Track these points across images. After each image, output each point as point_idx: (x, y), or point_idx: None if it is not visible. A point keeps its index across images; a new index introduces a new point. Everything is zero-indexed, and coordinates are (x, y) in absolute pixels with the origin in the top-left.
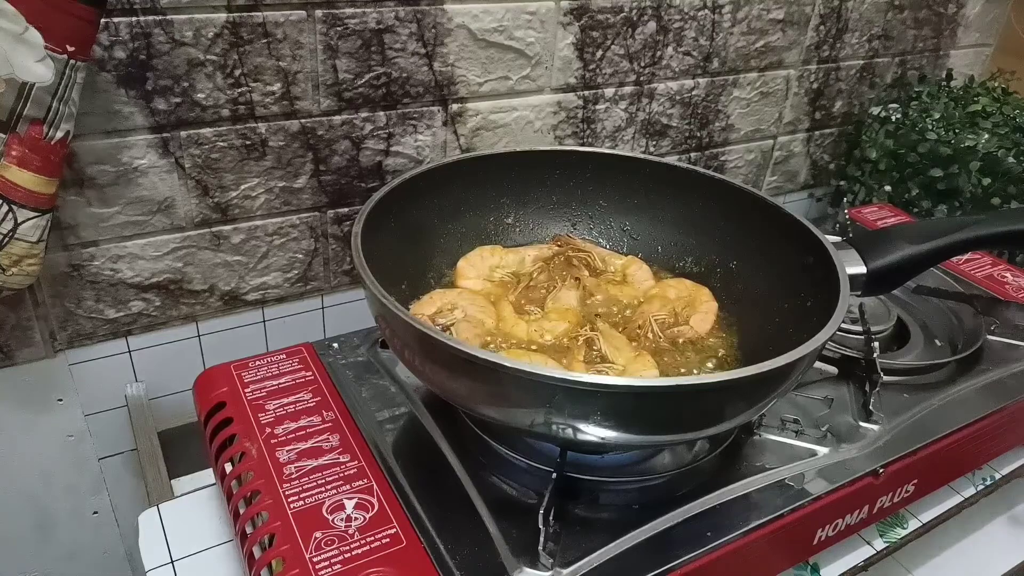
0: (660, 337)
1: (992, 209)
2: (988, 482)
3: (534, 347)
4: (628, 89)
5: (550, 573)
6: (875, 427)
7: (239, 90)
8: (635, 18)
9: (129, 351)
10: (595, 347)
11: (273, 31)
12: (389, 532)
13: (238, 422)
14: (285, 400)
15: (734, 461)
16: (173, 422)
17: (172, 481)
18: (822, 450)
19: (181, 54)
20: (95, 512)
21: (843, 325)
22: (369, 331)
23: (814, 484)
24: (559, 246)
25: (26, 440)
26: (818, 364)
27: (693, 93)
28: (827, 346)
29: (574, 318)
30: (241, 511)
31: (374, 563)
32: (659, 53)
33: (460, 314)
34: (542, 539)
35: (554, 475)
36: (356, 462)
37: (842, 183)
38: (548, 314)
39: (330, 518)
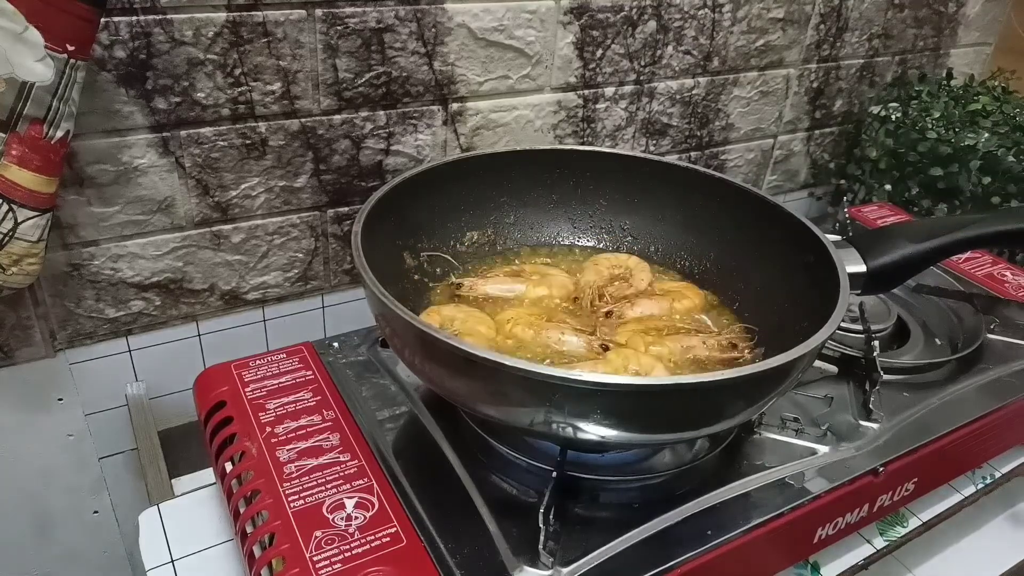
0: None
1: (992, 208)
2: (988, 481)
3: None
4: (628, 88)
5: (550, 572)
6: (875, 426)
7: (239, 89)
8: (635, 17)
9: (129, 350)
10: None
11: (273, 30)
12: (389, 531)
13: (238, 421)
14: (285, 399)
15: (734, 460)
16: (173, 421)
17: (172, 480)
18: (822, 449)
19: (181, 53)
20: (95, 512)
21: (843, 324)
22: (369, 330)
23: (814, 483)
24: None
25: (26, 440)
26: (818, 363)
27: (693, 92)
28: (827, 345)
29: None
30: (241, 510)
31: (374, 562)
32: (659, 52)
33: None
34: (542, 538)
35: (554, 474)
36: (356, 461)
37: (842, 182)
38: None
39: (330, 517)
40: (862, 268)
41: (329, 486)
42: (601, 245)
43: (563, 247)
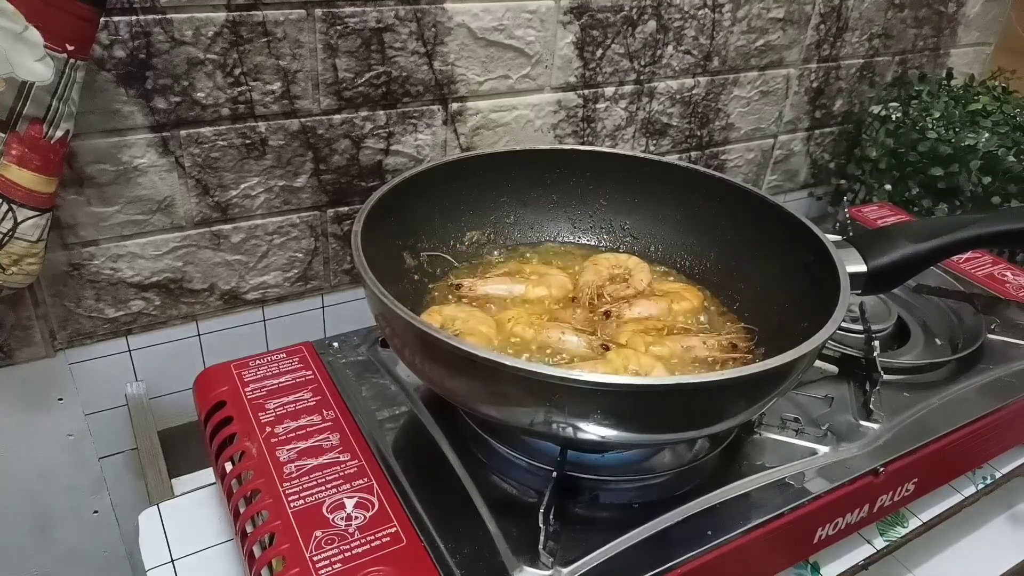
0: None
1: (992, 208)
2: (988, 481)
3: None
4: (628, 88)
5: (550, 572)
6: (875, 426)
7: (239, 89)
8: (635, 17)
9: (129, 350)
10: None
11: (273, 30)
12: (389, 531)
13: (238, 421)
14: (285, 399)
15: (734, 460)
16: (173, 421)
17: (172, 480)
18: (822, 449)
19: (181, 53)
20: (95, 511)
21: (843, 324)
22: (369, 330)
23: (814, 483)
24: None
25: (26, 439)
26: (818, 363)
27: (693, 92)
28: (827, 345)
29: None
30: (241, 510)
31: (374, 562)
32: (659, 52)
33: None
34: (542, 538)
35: (554, 474)
36: (356, 461)
37: (842, 182)
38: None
39: (330, 517)
40: (862, 268)
41: (329, 486)
42: (601, 245)
43: (563, 247)
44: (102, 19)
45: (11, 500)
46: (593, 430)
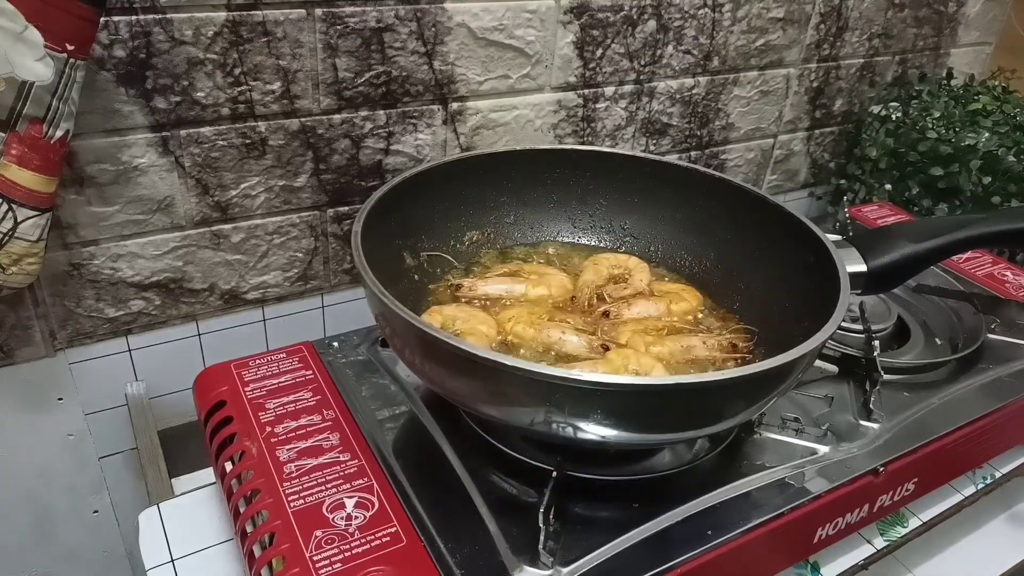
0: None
1: (992, 208)
2: (988, 481)
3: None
4: (628, 88)
5: (550, 572)
6: (875, 426)
7: (239, 89)
8: (635, 17)
9: (129, 350)
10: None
11: (273, 30)
12: (389, 531)
13: (238, 421)
14: (285, 399)
15: (734, 460)
16: (173, 421)
17: (172, 480)
18: (822, 449)
19: (181, 53)
20: (95, 511)
21: (843, 324)
22: (369, 330)
23: (814, 483)
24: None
25: (26, 439)
26: (818, 363)
27: (693, 92)
28: (827, 345)
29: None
30: (241, 510)
31: (374, 562)
32: (659, 52)
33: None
34: (542, 538)
35: (554, 474)
36: (356, 461)
37: (842, 182)
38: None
39: (330, 517)
40: (862, 268)
41: (329, 486)
42: (601, 245)
43: (563, 247)
44: (102, 19)
45: (11, 500)
46: (593, 430)
